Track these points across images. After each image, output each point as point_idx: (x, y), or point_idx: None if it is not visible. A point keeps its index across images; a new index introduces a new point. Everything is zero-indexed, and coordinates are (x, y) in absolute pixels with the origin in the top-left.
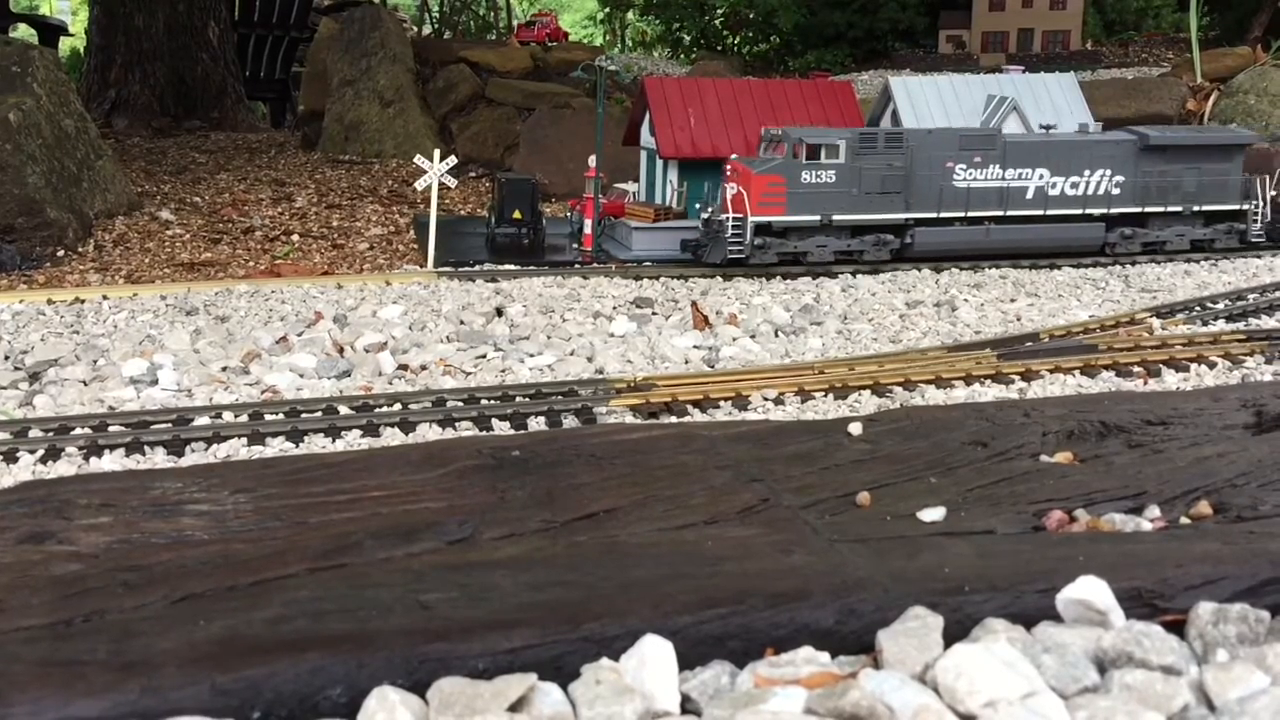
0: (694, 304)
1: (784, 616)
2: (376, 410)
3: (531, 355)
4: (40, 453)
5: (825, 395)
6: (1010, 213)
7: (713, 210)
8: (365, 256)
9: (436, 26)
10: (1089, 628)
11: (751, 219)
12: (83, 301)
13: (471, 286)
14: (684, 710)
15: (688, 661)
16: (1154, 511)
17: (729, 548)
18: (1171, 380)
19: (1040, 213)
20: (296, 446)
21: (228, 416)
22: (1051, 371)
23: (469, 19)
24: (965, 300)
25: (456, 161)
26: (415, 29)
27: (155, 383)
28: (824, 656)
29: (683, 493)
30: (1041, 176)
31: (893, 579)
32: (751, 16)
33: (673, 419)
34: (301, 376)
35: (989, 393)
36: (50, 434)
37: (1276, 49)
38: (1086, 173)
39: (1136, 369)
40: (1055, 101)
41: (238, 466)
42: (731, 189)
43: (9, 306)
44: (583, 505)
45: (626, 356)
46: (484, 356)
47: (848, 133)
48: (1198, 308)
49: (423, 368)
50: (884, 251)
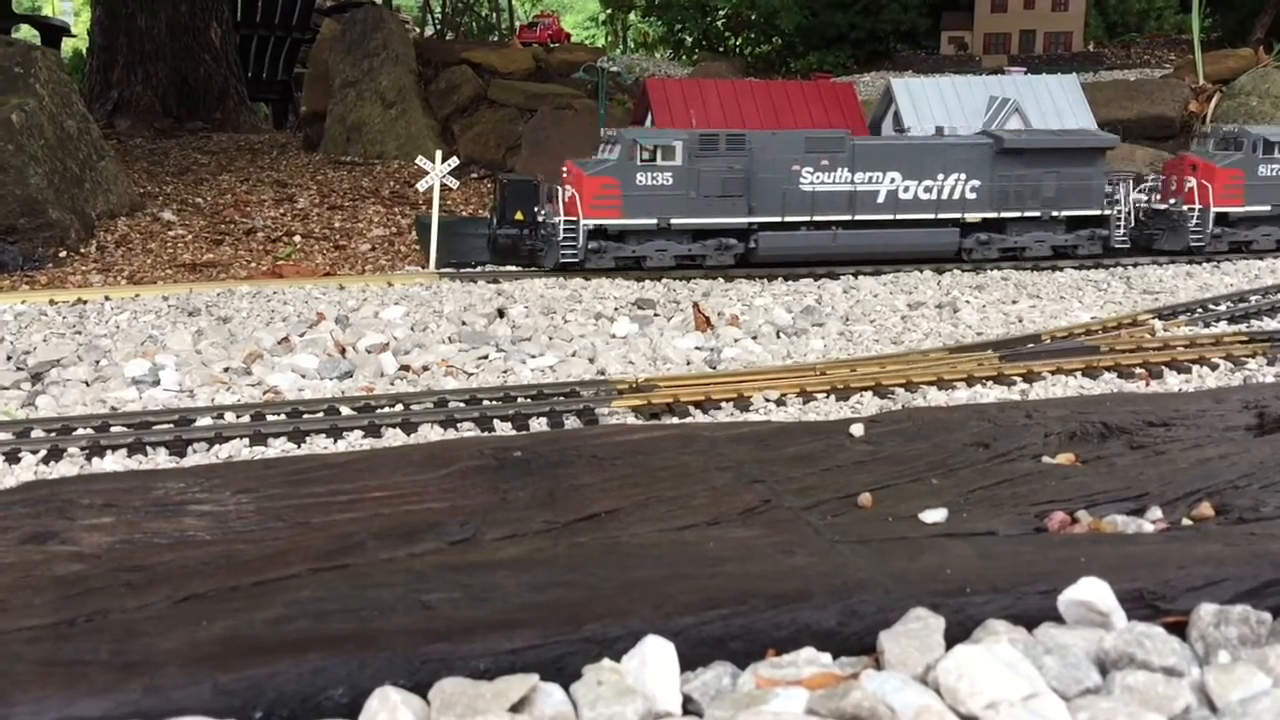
0: (696, 305)
1: (785, 617)
2: (378, 411)
3: (533, 356)
4: (42, 453)
5: (827, 396)
6: (860, 217)
7: (546, 213)
8: (367, 257)
9: (439, 28)
10: (1091, 629)
11: (584, 222)
12: (85, 302)
13: (473, 288)
14: (686, 711)
15: (689, 662)
16: (1156, 513)
17: (731, 549)
18: (1173, 382)
19: (891, 217)
20: (298, 447)
21: (230, 417)
22: (1053, 373)
23: (471, 20)
24: (967, 302)
25: (458, 163)
26: (417, 30)
27: (157, 383)
28: (825, 657)
29: (684, 494)
30: (893, 180)
31: (894, 580)
32: (753, 18)
33: (674, 420)
34: (303, 377)
35: (991, 394)
36: (52, 434)
37: (1278, 51)
38: (940, 176)
39: (1138, 370)
40: (1057, 103)
41: (240, 467)
42: (567, 191)
43: (11, 307)
44: (584, 506)
45: (628, 357)
46: (486, 357)
47: (684, 134)
48: (1200, 309)
49: (425, 368)
50: (727, 256)
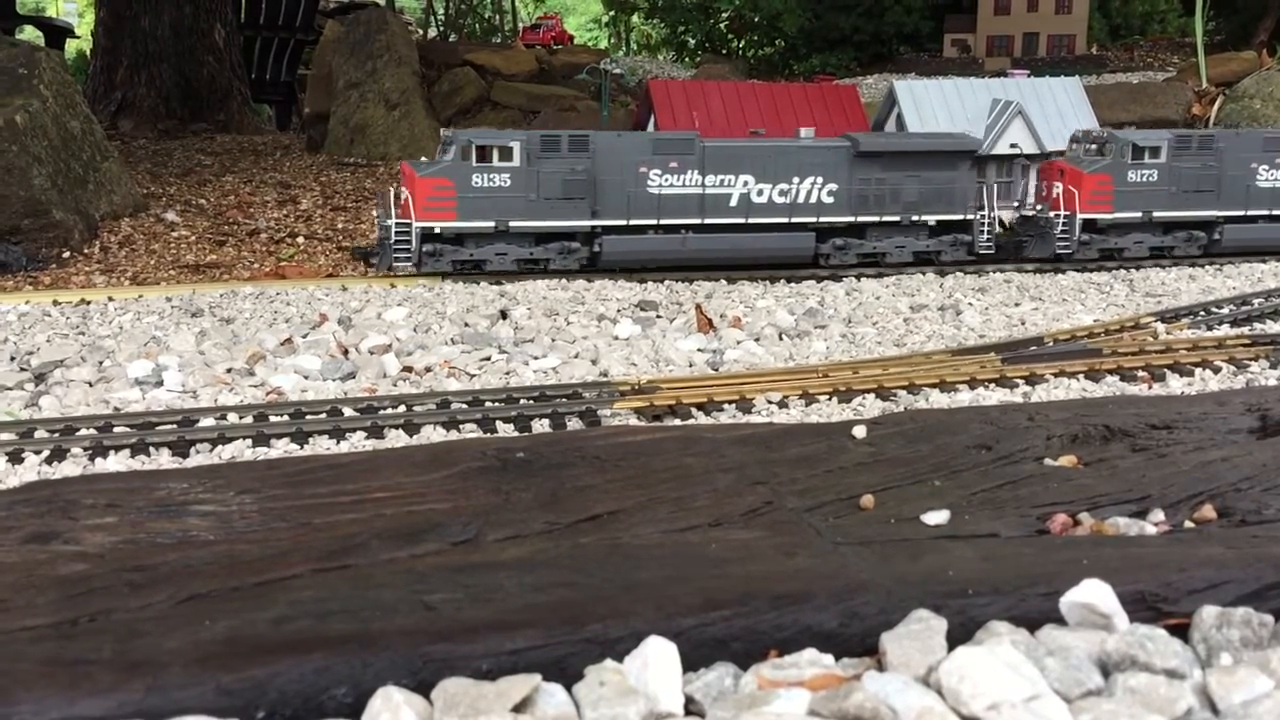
0: (698, 307)
1: (787, 618)
2: (381, 412)
3: (536, 358)
4: (46, 453)
5: (829, 398)
6: (710, 221)
7: (380, 215)
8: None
9: (442, 29)
10: (1092, 631)
11: (417, 224)
12: (88, 303)
13: (476, 289)
14: (688, 712)
15: (691, 663)
16: (1158, 515)
17: (732, 550)
18: (1176, 384)
19: (744, 221)
20: (301, 448)
21: (233, 418)
22: (1056, 375)
23: (474, 22)
24: (970, 304)
25: None
26: (420, 32)
27: (160, 384)
28: (827, 659)
29: (686, 495)
30: (746, 183)
31: (896, 582)
32: (756, 20)
33: (677, 421)
34: (306, 378)
35: (993, 396)
36: (56, 435)
37: None
38: (796, 180)
39: (1141, 373)
40: (1060, 105)
41: (243, 467)
42: (403, 194)
43: (15, 308)
44: (587, 507)
45: (630, 359)
46: (488, 359)
47: (522, 134)
48: (1202, 312)
49: (427, 370)
50: (571, 261)
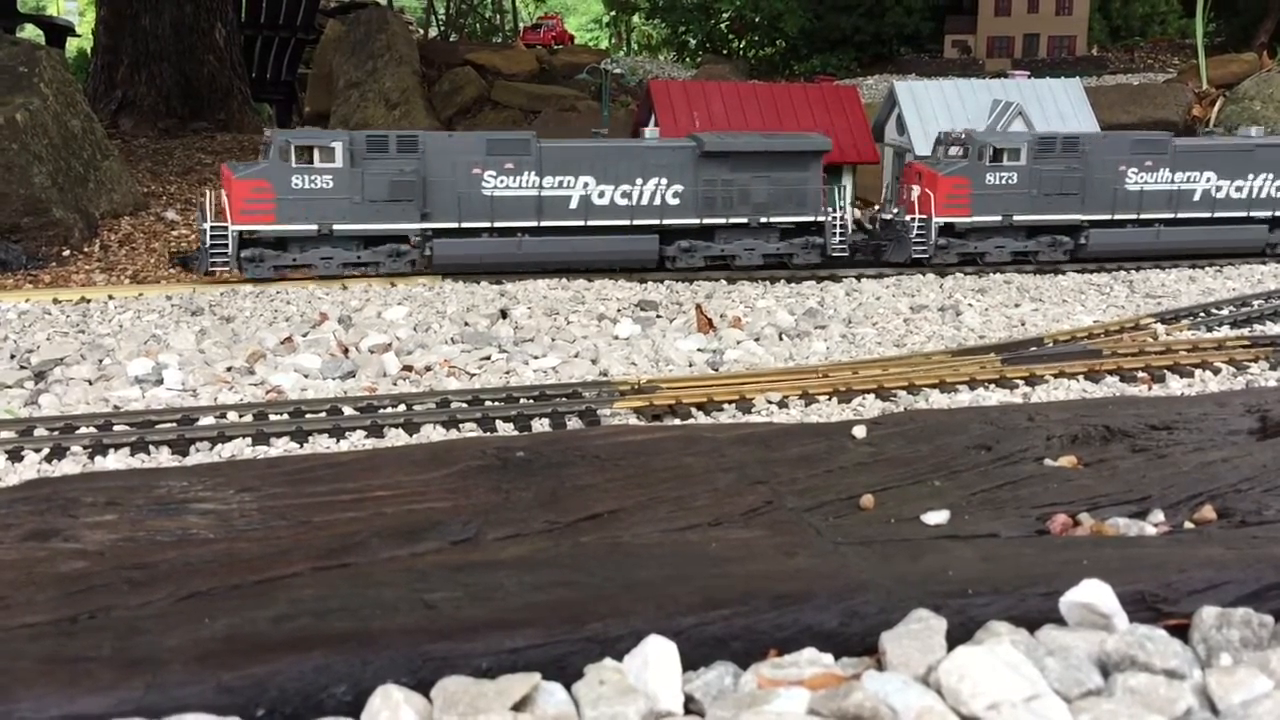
0: (698, 307)
1: (787, 618)
2: (381, 411)
3: (536, 357)
4: (45, 451)
5: (829, 398)
6: (549, 223)
7: (198, 218)
8: None
9: (442, 29)
10: (1092, 631)
11: (234, 227)
12: (88, 301)
13: (476, 288)
14: (687, 711)
15: (691, 662)
16: (1158, 516)
17: (733, 549)
18: (1176, 385)
19: (583, 223)
20: (301, 446)
21: (232, 416)
22: (1056, 376)
23: (475, 22)
24: (970, 305)
25: None
26: (421, 31)
27: (160, 382)
28: (827, 658)
29: (687, 494)
30: (586, 185)
31: (896, 581)
32: (757, 20)
33: (676, 421)
34: (306, 377)
35: (993, 397)
36: (55, 433)
37: None
38: (639, 181)
39: (1141, 374)
40: (1060, 106)
41: (243, 466)
42: (223, 197)
43: (15, 306)
44: (587, 506)
45: (630, 359)
46: (488, 358)
47: (345, 134)
48: (1202, 313)
49: (427, 369)
50: (402, 264)
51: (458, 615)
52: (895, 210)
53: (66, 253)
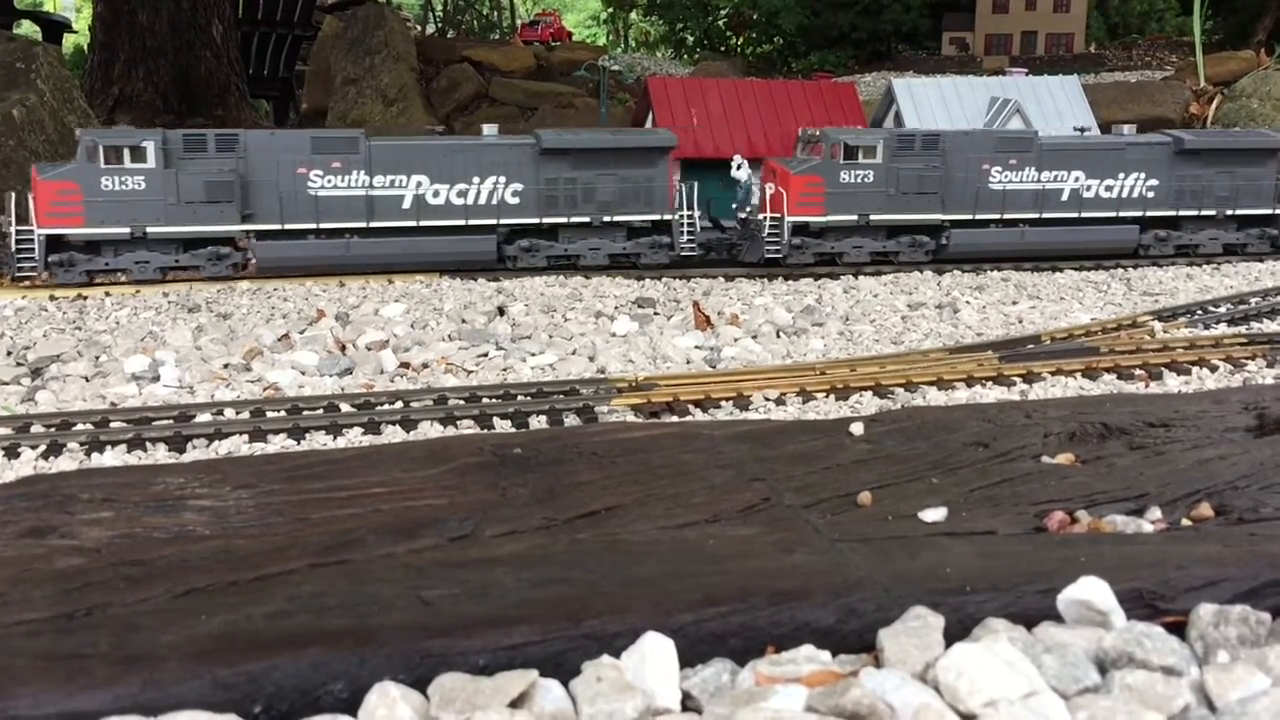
0: (696, 304)
1: (785, 615)
2: (378, 408)
3: (533, 354)
4: (42, 448)
5: (827, 396)
6: (380, 224)
7: (4, 221)
8: None
9: (440, 25)
10: (1090, 628)
11: (39, 231)
12: (85, 298)
13: (474, 285)
14: (685, 708)
15: (689, 659)
16: (1155, 513)
17: (730, 546)
18: (1173, 383)
19: (415, 224)
20: (298, 443)
21: (229, 413)
22: (1053, 374)
23: (473, 18)
24: (967, 302)
25: None
26: (419, 28)
27: (157, 379)
28: (825, 655)
29: (684, 491)
30: (419, 184)
31: (894, 578)
32: (755, 17)
33: (674, 418)
34: (303, 374)
35: (990, 394)
36: (52, 429)
37: None
38: (476, 180)
39: (1138, 372)
40: (1058, 104)
41: (240, 462)
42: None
43: (12, 302)
44: (584, 503)
45: (628, 356)
46: (486, 355)
47: (158, 133)
48: (1199, 311)
49: (424, 366)
50: (223, 267)
51: (455, 612)
52: (749, 209)
53: None
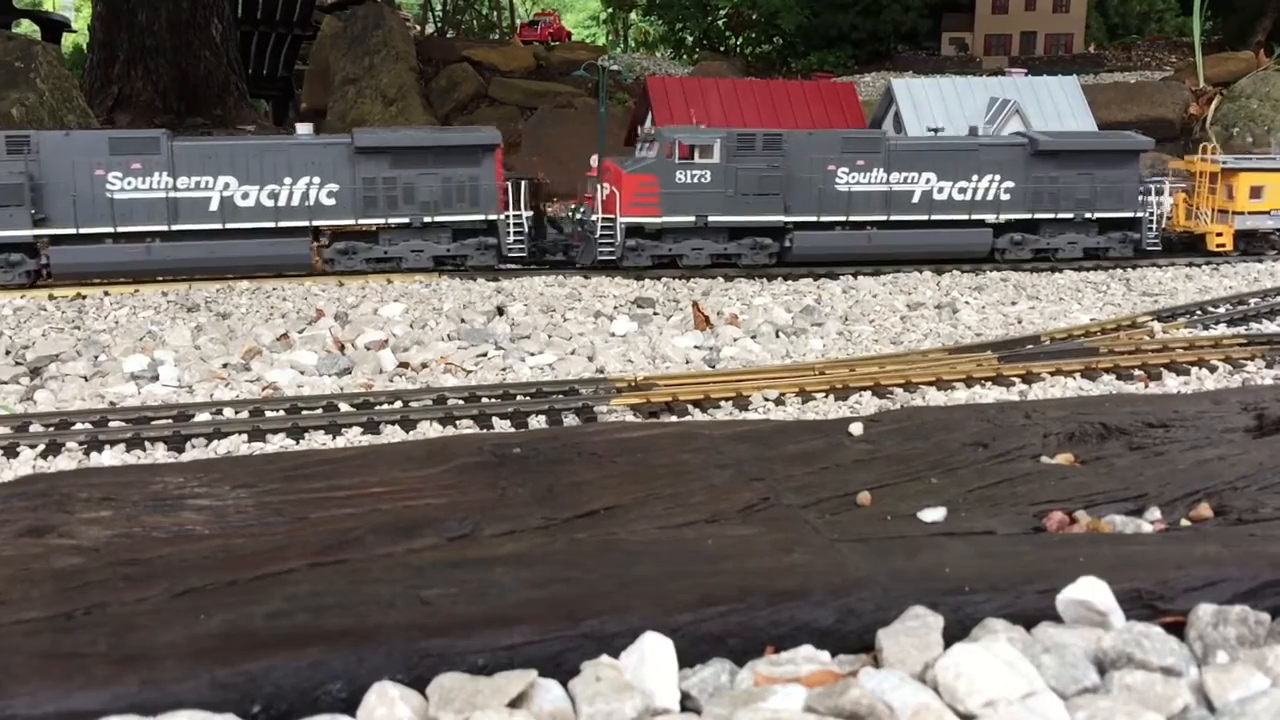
0: (695, 304)
1: (784, 615)
2: (377, 408)
3: (532, 354)
4: (41, 447)
5: (826, 396)
6: (185, 226)
7: None
8: None
9: (439, 25)
10: (1089, 628)
11: None
12: (84, 297)
13: (473, 285)
14: (684, 708)
15: (688, 659)
16: (1154, 513)
17: (729, 546)
18: (1172, 383)
19: (221, 226)
20: (297, 443)
21: (228, 413)
22: (1052, 374)
23: (472, 18)
24: (966, 303)
25: None
26: (418, 28)
27: (156, 379)
28: (824, 655)
29: (683, 491)
30: (227, 185)
31: (893, 578)
32: (754, 17)
33: (673, 418)
34: (302, 373)
35: (990, 395)
36: (51, 429)
37: (1279, 54)
38: (288, 181)
39: (1137, 372)
40: (1058, 104)
41: (239, 462)
42: None
43: (11, 301)
44: (583, 503)
45: (627, 356)
46: (485, 355)
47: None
48: (1198, 312)
49: (423, 366)
50: (16, 275)
51: (454, 612)
52: (582, 210)
53: None
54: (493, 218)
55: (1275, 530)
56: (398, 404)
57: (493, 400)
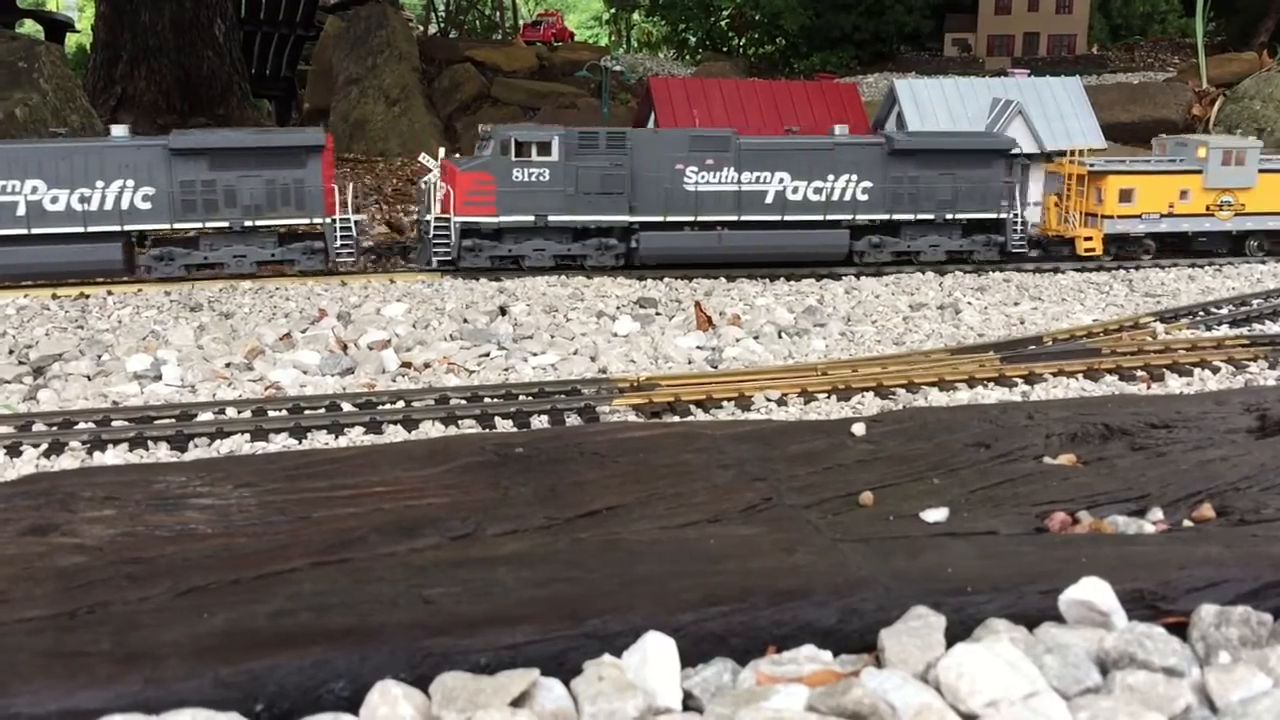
0: (697, 304)
1: (786, 615)
2: (380, 407)
3: (535, 354)
4: (44, 447)
5: (828, 396)
6: (35, 231)
7: None
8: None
9: (442, 25)
10: (1091, 629)
11: None
12: (87, 296)
13: (475, 285)
14: (686, 707)
15: (690, 659)
16: (1157, 514)
17: (732, 546)
18: (1175, 384)
19: (25, 232)
20: (300, 442)
21: (231, 412)
22: (1055, 374)
23: (475, 18)
24: (969, 303)
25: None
26: (421, 28)
27: (159, 378)
28: (826, 655)
29: (686, 491)
30: (35, 189)
31: (895, 578)
32: (757, 18)
33: (676, 418)
34: (305, 373)
35: (992, 395)
36: (54, 428)
37: None
38: (99, 184)
39: (1140, 373)
40: (1060, 105)
41: (241, 461)
42: None
43: (14, 301)
44: (586, 502)
45: (630, 356)
46: (487, 355)
47: None
48: (1201, 312)
49: (426, 365)
50: None
51: (456, 611)
52: (418, 209)
53: None
54: (319, 221)
55: (1277, 531)
56: (400, 404)
57: (495, 400)
